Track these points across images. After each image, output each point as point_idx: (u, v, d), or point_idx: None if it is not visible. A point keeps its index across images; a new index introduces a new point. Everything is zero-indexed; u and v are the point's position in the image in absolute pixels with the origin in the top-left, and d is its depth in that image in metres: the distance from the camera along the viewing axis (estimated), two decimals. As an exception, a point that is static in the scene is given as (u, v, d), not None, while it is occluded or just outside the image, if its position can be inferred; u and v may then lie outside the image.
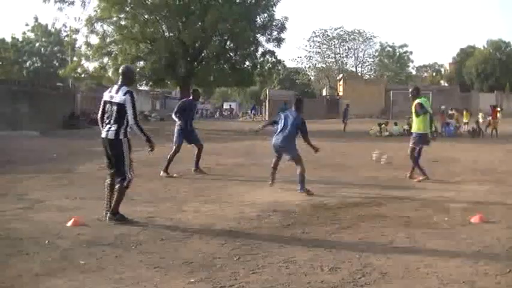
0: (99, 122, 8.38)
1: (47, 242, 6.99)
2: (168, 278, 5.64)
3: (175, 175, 13.48)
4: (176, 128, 14.00)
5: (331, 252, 6.60)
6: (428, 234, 7.49)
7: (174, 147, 13.87)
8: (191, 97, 14.71)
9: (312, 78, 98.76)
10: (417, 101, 13.07)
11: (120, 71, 8.59)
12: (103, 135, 8.18)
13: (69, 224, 7.87)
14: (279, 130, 11.42)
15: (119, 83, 8.31)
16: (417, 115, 12.93)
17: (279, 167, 11.75)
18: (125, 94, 8.05)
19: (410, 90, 13.65)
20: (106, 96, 8.26)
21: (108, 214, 8.07)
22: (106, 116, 8.19)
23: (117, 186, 8.12)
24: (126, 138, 8.19)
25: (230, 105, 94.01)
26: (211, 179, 13.08)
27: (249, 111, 73.67)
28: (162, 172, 13.44)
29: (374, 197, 10.44)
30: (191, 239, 7.26)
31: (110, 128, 8.07)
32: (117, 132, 8.05)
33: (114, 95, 8.11)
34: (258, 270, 5.88)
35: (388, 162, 14.71)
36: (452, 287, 5.41)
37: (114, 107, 8.06)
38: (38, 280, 5.56)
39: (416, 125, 13.05)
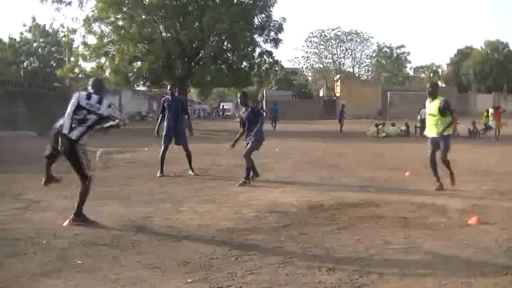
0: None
1: (44, 242, 6.98)
2: (165, 278, 5.63)
3: (171, 175, 13.50)
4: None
5: (328, 252, 6.60)
6: (425, 235, 7.49)
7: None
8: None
9: (309, 78, 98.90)
10: (444, 99, 11.69)
11: (99, 83, 8.48)
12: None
13: (66, 223, 7.86)
14: (259, 125, 12.55)
15: (96, 93, 8.20)
16: (444, 115, 11.44)
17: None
18: (109, 106, 8.17)
19: (428, 86, 12.13)
20: (83, 101, 8.03)
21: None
22: (76, 118, 7.95)
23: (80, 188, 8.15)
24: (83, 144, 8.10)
25: (223, 106, 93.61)
26: (208, 179, 13.09)
27: None
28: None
29: (371, 198, 10.43)
30: (188, 239, 7.25)
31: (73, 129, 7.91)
32: (81, 136, 8.00)
33: (94, 104, 8.02)
34: (256, 270, 5.87)
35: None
36: (450, 288, 5.41)
37: (94, 116, 8.01)
38: (35, 280, 5.55)
39: (442, 125, 11.42)
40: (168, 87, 15.08)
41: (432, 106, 11.62)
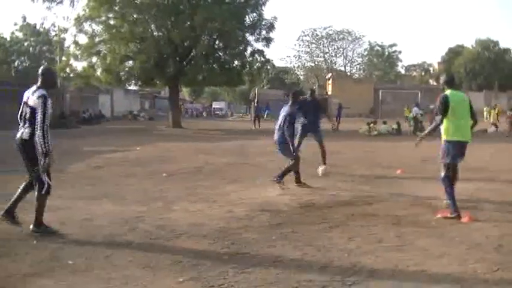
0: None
1: (36, 242, 6.97)
2: (157, 277, 5.63)
3: (164, 174, 13.48)
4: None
5: (320, 251, 6.61)
6: (417, 233, 7.52)
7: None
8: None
9: (301, 77, 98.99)
10: (442, 94, 8.89)
11: (39, 71, 7.84)
12: (17, 136, 7.54)
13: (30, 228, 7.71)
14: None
15: (38, 84, 7.68)
16: (437, 113, 8.94)
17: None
18: (38, 98, 7.42)
19: (442, 79, 9.30)
20: (25, 96, 7.64)
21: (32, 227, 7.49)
22: (22, 117, 7.55)
23: (35, 194, 7.60)
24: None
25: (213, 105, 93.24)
26: (200, 178, 13.07)
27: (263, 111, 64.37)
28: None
29: (363, 196, 10.46)
30: (180, 238, 7.25)
31: (24, 130, 7.46)
32: (31, 134, 7.41)
33: (30, 96, 7.53)
34: (247, 269, 5.88)
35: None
36: (441, 285, 5.43)
37: (28, 109, 7.47)
38: (27, 280, 5.54)
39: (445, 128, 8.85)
40: (310, 90, 15.79)
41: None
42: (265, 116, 51.95)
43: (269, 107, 58.00)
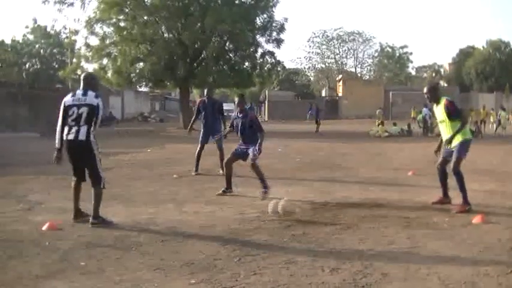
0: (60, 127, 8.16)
1: (47, 243, 6.98)
2: (169, 279, 5.63)
3: (175, 176, 13.50)
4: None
5: (331, 253, 6.59)
6: (429, 235, 7.48)
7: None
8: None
9: (312, 78, 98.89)
10: (447, 98, 9.63)
11: (83, 76, 8.58)
12: (70, 137, 8.00)
13: (45, 228, 7.79)
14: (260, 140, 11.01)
15: (83, 87, 8.24)
16: (454, 119, 9.40)
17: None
18: (96, 97, 8.08)
19: (425, 91, 9.87)
20: (69, 100, 8.15)
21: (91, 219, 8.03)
22: (70, 119, 8.02)
23: (93, 190, 8.14)
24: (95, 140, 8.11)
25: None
26: (211, 180, 13.06)
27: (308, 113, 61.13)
28: None
29: (374, 198, 10.42)
30: (191, 240, 7.25)
31: (78, 130, 7.95)
32: (88, 134, 7.98)
33: (81, 97, 8.07)
34: (259, 271, 5.86)
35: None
36: None
37: (84, 109, 7.99)
38: (38, 282, 5.54)
39: (451, 130, 9.40)
40: (205, 91, 15.11)
41: (439, 111, 9.66)
42: (308, 117, 51.24)
43: (312, 109, 57.42)
